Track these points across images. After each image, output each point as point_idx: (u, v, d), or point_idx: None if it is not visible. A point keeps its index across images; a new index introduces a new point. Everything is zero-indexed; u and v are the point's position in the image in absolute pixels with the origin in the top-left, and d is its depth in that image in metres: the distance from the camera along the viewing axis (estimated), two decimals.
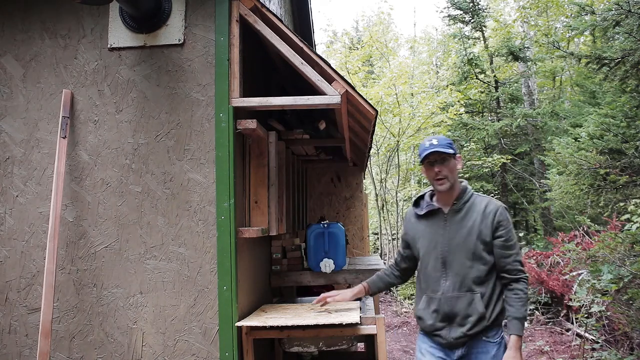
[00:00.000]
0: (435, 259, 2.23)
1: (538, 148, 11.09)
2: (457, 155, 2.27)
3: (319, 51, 9.95)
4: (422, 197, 2.38)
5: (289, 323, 2.48)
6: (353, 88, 2.73)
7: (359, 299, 2.86)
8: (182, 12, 2.60)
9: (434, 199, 2.32)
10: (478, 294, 2.14)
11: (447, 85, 12.20)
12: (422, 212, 2.31)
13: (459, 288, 2.17)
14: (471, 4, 11.86)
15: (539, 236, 10.52)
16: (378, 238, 13.37)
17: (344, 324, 2.45)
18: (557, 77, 13.73)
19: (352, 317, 2.49)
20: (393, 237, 11.37)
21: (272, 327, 2.55)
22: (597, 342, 4.87)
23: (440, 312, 2.19)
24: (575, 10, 6.22)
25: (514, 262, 2.16)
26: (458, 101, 10.78)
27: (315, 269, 3.44)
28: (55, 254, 2.42)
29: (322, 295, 2.66)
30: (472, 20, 12.09)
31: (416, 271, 2.42)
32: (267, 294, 3.40)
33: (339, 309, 2.74)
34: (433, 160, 2.22)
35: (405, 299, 8.98)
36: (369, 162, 5.61)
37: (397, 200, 11.44)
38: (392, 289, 9.26)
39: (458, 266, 2.18)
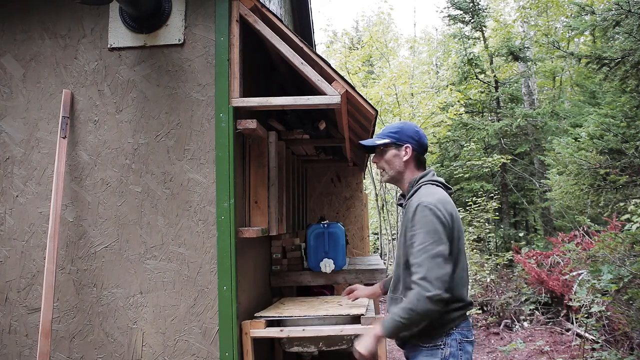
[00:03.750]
0: None
1: (538, 148, 11.08)
2: (400, 143, 2.03)
3: (319, 51, 9.96)
4: None
5: (302, 314, 2.78)
6: (353, 88, 2.73)
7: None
8: (182, 12, 2.60)
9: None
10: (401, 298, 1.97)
11: (447, 85, 12.21)
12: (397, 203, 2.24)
13: (393, 290, 2.05)
14: (471, 4, 11.84)
15: (539, 236, 10.52)
16: (378, 238, 13.39)
17: (351, 314, 2.78)
18: (557, 77, 13.72)
19: (359, 310, 2.83)
20: (393, 237, 11.37)
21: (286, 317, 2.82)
22: (597, 342, 4.87)
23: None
24: (575, 10, 6.23)
25: (414, 272, 1.83)
26: (458, 101, 10.79)
27: (315, 269, 3.44)
28: (55, 254, 2.42)
29: (348, 288, 2.63)
30: (472, 20, 12.07)
31: None
32: (267, 294, 3.40)
33: (349, 303, 3.02)
34: (375, 152, 2.12)
35: None
36: (369, 162, 5.62)
37: (397, 200, 11.42)
38: None
39: (395, 269, 2.05)
